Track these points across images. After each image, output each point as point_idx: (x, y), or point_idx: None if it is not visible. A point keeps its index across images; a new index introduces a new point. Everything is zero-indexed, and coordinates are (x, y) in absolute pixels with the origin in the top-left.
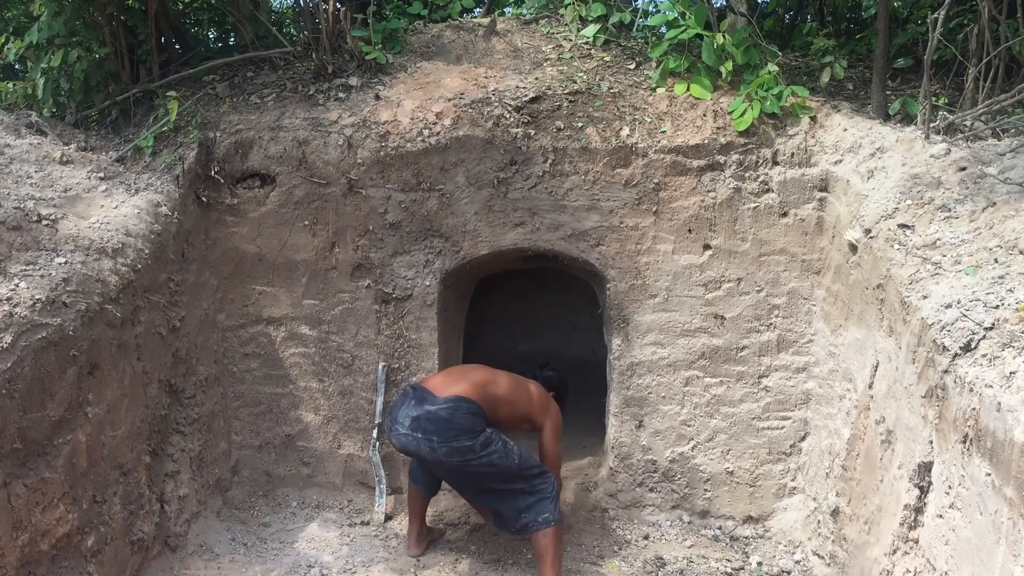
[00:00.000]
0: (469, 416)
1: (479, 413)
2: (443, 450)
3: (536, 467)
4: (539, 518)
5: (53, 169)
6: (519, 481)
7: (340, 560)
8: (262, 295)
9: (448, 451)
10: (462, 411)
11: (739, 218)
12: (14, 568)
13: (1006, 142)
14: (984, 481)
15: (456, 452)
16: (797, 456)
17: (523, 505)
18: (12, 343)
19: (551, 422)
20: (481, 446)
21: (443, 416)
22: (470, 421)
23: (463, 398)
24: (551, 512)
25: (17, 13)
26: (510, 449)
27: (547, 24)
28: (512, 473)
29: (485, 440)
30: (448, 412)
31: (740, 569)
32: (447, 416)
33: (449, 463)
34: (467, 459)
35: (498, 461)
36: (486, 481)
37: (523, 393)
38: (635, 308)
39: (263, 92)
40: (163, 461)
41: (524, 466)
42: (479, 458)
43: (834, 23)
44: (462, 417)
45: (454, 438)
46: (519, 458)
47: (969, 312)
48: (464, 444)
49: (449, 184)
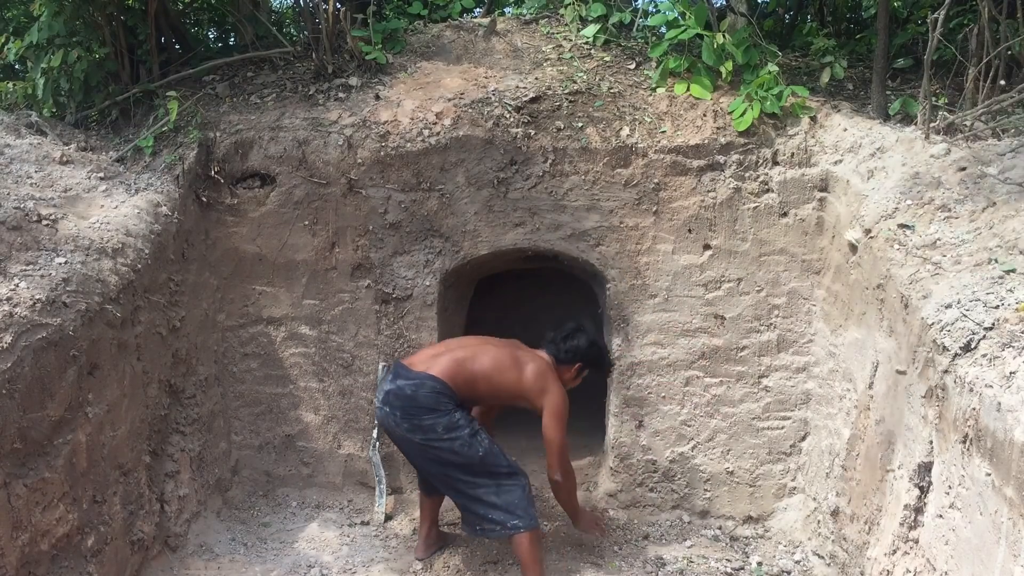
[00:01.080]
0: (432, 395)
1: (444, 392)
2: (405, 425)
3: (505, 467)
4: (508, 523)
5: (53, 169)
6: (484, 477)
7: (340, 560)
8: (262, 295)
9: (409, 427)
10: (426, 389)
11: (739, 218)
12: (14, 568)
13: (1006, 142)
14: (984, 481)
15: (418, 430)
16: (797, 456)
17: (488, 506)
18: (12, 343)
19: (550, 404)
20: (445, 428)
21: (407, 392)
22: (433, 399)
23: (430, 376)
24: (521, 519)
25: (17, 13)
26: (478, 440)
27: (547, 24)
28: (475, 466)
29: (450, 423)
30: (412, 388)
31: (740, 569)
32: (411, 393)
33: (412, 440)
34: (429, 439)
35: (460, 448)
36: (451, 471)
37: (511, 371)
38: (635, 308)
39: (263, 92)
40: (163, 461)
41: (490, 462)
42: (441, 440)
43: (834, 23)
44: (425, 395)
45: (415, 415)
46: (484, 451)
47: (969, 312)
48: (425, 422)
49: (449, 184)
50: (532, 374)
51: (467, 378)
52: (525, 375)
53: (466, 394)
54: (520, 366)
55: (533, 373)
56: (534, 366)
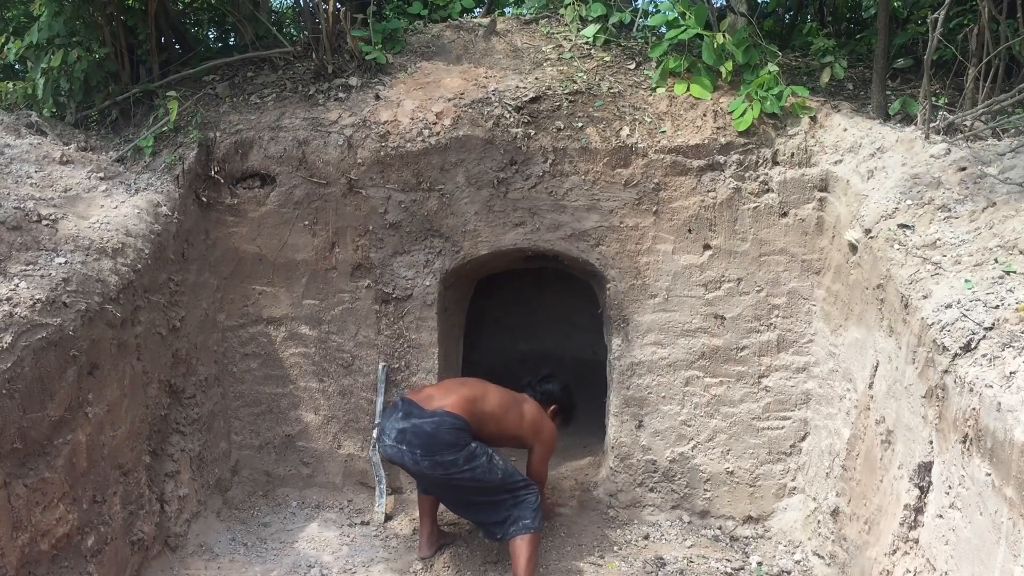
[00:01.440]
0: (453, 431)
1: (464, 428)
2: (425, 463)
3: (521, 479)
4: (520, 523)
5: (53, 169)
6: (503, 494)
7: (340, 560)
8: (262, 295)
9: (431, 464)
10: (446, 426)
11: (739, 218)
12: (14, 568)
13: (1006, 142)
14: (984, 481)
15: (439, 466)
16: (797, 456)
17: (507, 513)
18: (12, 343)
19: (541, 445)
20: (465, 460)
21: (427, 430)
22: (454, 436)
23: (448, 412)
24: (531, 519)
25: (17, 13)
26: (495, 464)
27: (547, 24)
28: (496, 486)
29: (469, 454)
30: (433, 426)
31: (740, 569)
32: (431, 430)
33: (433, 476)
34: (450, 472)
35: (482, 476)
36: (469, 494)
37: (513, 413)
38: (635, 308)
39: (263, 92)
40: (163, 461)
41: (508, 480)
42: (462, 471)
43: (834, 23)
44: (446, 432)
45: (437, 452)
46: (503, 472)
47: (969, 312)
48: (447, 458)
49: (449, 184)
50: (531, 417)
51: (479, 417)
52: (524, 418)
53: (476, 432)
54: (518, 408)
55: (531, 416)
56: (530, 406)
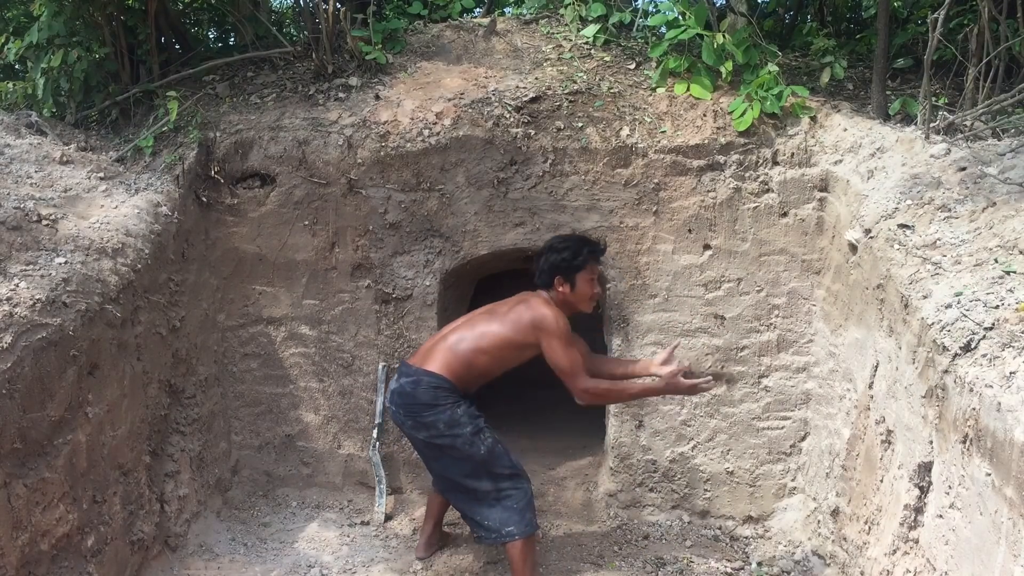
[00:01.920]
0: (430, 390)
1: (442, 386)
2: (408, 423)
3: (508, 467)
4: (503, 530)
5: (53, 169)
6: (485, 479)
7: (340, 560)
8: (262, 295)
9: (413, 424)
10: (423, 385)
11: (739, 218)
12: (14, 568)
13: (1006, 142)
14: (984, 481)
15: (421, 427)
16: (797, 456)
17: (484, 513)
18: (12, 343)
19: (545, 334)
20: (446, 425)
21: (407, 390)
22: (431, 395)
23: (426, 372)
24: (516, 525)
25: (17, 13)
26: (480, 439)
27: (547, 24)
28: (477, 466)
29: (451, 419)
30: (411, 386)
31: (740, 569)
32: (410, 390)
33: (418, 438)
34: (431, 435)
35: (462, 446)
36: (453, 470)
37: (494, 330)
38: (635, 308)
39: (263, 92)
40: (163, 461)
41: (492, 461)
42: (443, 436)
43: (834, 23)
44: (423, 391)
45: (416, 412)
46: (487, 450)
47: (969, 312)
48: (427, 419)
49: (449, 184)
50: (513, 319)
51: (463, 362)
52: (506, 325)
53: (470, 378)
54: (501, 320)
55: (514, 318)
56: (515, 312)
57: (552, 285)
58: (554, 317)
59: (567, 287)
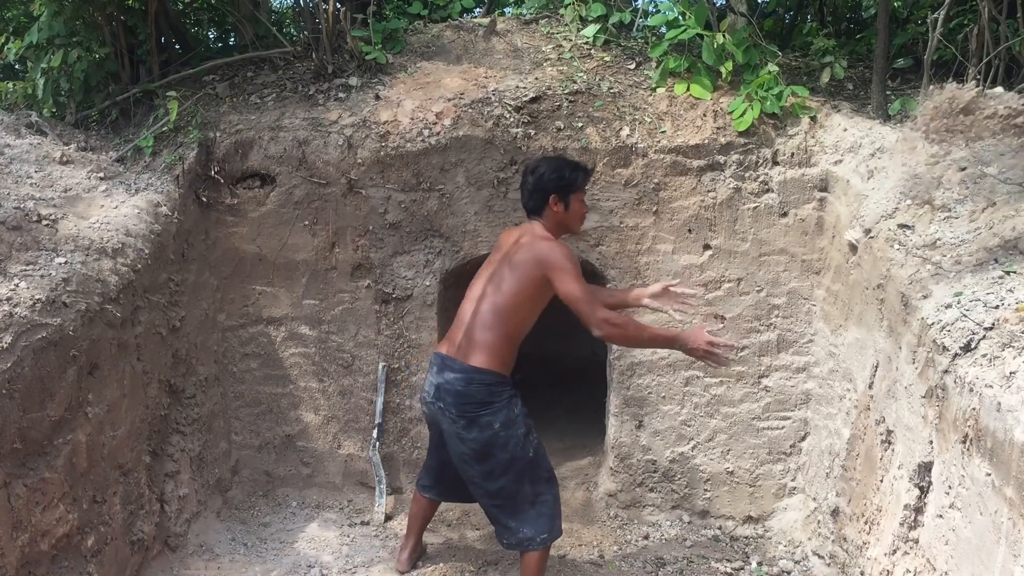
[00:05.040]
0: (484, 388)
1: (496, 382)
2: (461, 423)
3: (546, 471)
4: (538, 537)
5: (53, 169)
6: (526, 483)
7: (340, 560)
8: (262, 295)
9: (466, 424)
10: (475, 383)
11: (739, 218)
12: (14, 568)
13: (1006, 142)
14: (984, 481)
15: (475, 427)
16: (797, 456)
17: (523, 517)
18: (12, 343)
19: (551, 267)
20: (502, 425)
21: (459, 388)
22: (486, 392)
23: (476, 369)
24: (550, 532)
25: (17, 13)
26: (530, 440)
27: (547, 24)
28: (523, 468)
29: (507, 419)
30: (462, 383)
31: (740, 569)
32: (462, 388)
33: (465, 437)
34: (486, 436)
35: (514, 448)
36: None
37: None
38: (635, 308)
39: (263, 92)
40: (163, 461)
41: (537, 464)
42: (497, 436)
43: (834, 23)
44: (477, 389)
45: (472, 412)
46: (534, 452)
47: (969, 312)
48: (484, 419)
49: (449, 184)
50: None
51: (504, 337)
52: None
53: (514, 351)
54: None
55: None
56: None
57: (545, 207)
58: (558, 248)
59: (561, 207)
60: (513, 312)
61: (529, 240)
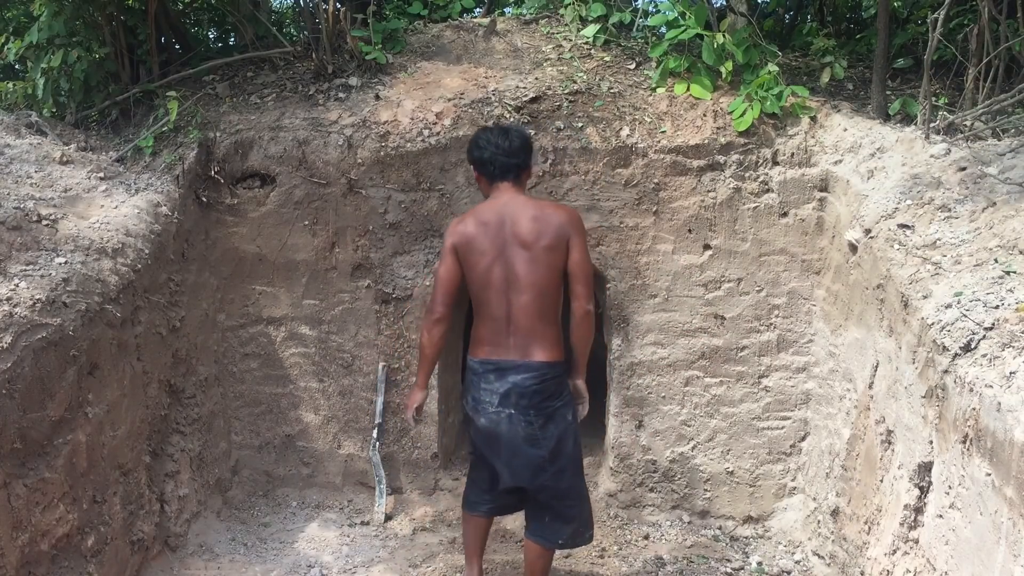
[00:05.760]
0: (555, 381)
1: (563, 372)
2: (539, 421)
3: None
4: (589, 531)
5: (53, 169)
6: (581, 474)
7: (340, 560)
8: (262, 295)
9: (544, 423)
10: (549, 379)
11: (739, 218)
12: (14, 568)
13: (1006, 142)
14: (984, 481)
15: (551, 422)
16: (797, 456)
17: (583, 510)
18: (12, 343)
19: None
20: (572, 415)
21: (535, 387)
22: (557, 385)
23: (548, 364)
24: (590, 528)
25: (17, 13)
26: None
27: (547, 24)
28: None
29: (570, 405)
30: (535, 381)
31: (740, 569)
32: (537, 387)
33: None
34: (560, 428)
35: (575, 436)
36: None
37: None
38: (635, 308)
39: (263, 92)
40: (163, 461)
41: (581, 456)
42: (569, 426)
43: (834, 23)
44: (551, 384)
45: (548, 407)
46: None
47: (969, 312)
48: (557, 406)
49: (449, 184)
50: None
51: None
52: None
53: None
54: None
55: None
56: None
57: (527, 169)
58: (576, 213)
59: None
60: (557, 291)
61: (539, 210)
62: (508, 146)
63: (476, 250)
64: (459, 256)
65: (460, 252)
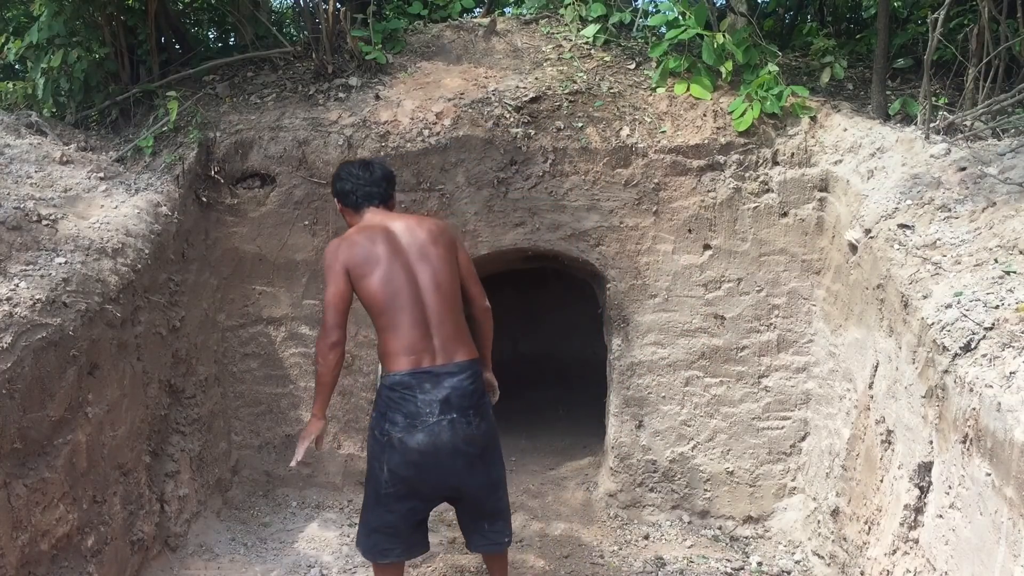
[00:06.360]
0: (480, 379)
1: (480, 369)
2: (477, 422)
3: None
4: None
5: (53, 169)
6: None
7: (340, 560)
8: (262, 295)
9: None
10: (478, 376)
11: (739, 218)
12: (14, 568)
13: (1006, 142)
14: (984, 481)
15: (486, 417)
16: (797, 456)
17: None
18: (12, 343)
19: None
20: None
21: (471, 388)
22: (482, 382)
23: (472, 362)
24: None
25: (17, 13)
26: None
27: (547, 24)
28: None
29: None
30: (470, 382)
31: (740, 569)
32: (471, 387)
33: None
34: (490, 422)
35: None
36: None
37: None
38: (635, 308)
39: (263, 92)
40: (163, 461)
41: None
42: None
43: (834, 23)
44: (479, 381)
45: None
46: None
47: (969, 312)
48: (488, 406)
49: (449, 184)
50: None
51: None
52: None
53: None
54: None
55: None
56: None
57: (390, 200)
58: None
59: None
60: (459, 290)
61: (416, 219)
62: (369, 176)
63: (371, 263)
64: (351, 275)
65: (352, 270)
